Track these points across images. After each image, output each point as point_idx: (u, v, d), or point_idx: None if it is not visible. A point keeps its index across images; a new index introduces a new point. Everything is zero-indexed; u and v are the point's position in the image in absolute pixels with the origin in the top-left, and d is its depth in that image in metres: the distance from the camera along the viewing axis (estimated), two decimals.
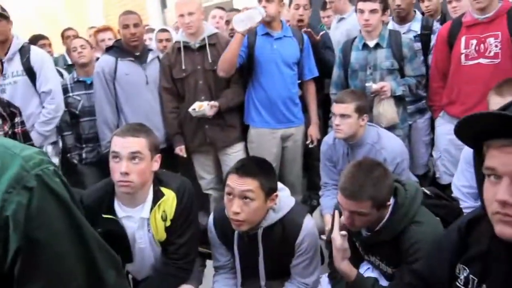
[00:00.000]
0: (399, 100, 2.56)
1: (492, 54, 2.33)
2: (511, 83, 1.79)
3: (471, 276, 1.03)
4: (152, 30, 3.96)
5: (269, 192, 1.59)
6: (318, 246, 1.78)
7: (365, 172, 1.46)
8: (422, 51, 2.81)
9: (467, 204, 1.89)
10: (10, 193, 0.63)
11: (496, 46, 2.31)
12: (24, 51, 2.71)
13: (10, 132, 2.40)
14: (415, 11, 2.92)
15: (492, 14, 2.31)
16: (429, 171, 3.06)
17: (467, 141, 0.92)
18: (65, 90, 2.97)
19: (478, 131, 0.86)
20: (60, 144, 3.02)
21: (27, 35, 4.05)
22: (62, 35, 4.19)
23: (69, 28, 4.31)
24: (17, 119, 2.45)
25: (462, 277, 1.06)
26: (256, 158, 1.78)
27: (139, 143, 1.60)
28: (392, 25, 2.91)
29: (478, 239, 1.03)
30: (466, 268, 1.05)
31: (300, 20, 3.01)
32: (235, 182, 1.57)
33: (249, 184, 1.55)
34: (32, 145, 2.53)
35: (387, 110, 2.48)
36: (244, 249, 1.74)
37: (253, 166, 1.60)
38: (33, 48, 2.82)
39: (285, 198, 1.73)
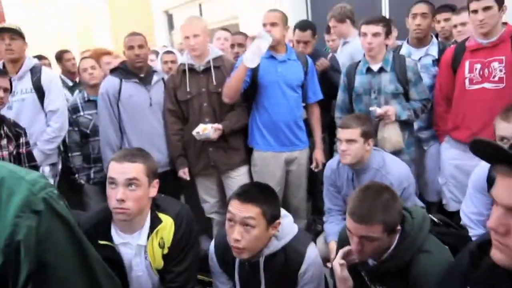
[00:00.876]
0: (405, 124, 2.53)
1: (496, 78, 2.30)
2: None
3: None
4: (156, 52, 3.97)
5: (271, 219, 1.55)
6: (322, 275, 1.72)
7: (374, 196, 1.43)
8: None
9: (477, 232, 1.83)
10: (21, 217, 0.64)
11: (500, 70, 2.29)
12: (35, 71, 2.76)
13: (14, 152, 2.41)
14: (431, 36, 2.87)
15: (496, 39, 2.30)
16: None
17: (484, 159, 0.96)
18: (76, 109, 2.98)
19: (489, 155, 0.90)
20: (60, 166, 3.00)
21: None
22: (60, 57, 4.12)
23: (66, 51, 4.26)
24: (21, 140, 2.46)
25: None
26: (259, 184, 1.74)
27: (136, 169, 1.56)
28: (407, 48, 2.86)
29: (485, 263, 1.05)
30: None
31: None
32: (236, 209, 1.53)
33: (251, 211, 1.51)
34: (36, 165, 2.53)
35: (391, 134, 2.44)
36: (246, 277, 1.68)
37: (255, 193, 1.57)
38: (44, 68, 2.86)
39: (288, 225, 1.68)
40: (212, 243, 1.78)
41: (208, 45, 2.78)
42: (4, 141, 2.34)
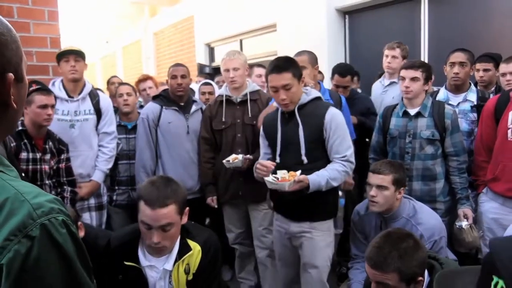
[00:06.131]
0: (443, 173, 2.48)
1: None
2: None
3: None
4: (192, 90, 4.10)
5: None
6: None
7: (393, 243, 1.43)
8: (477, 122, 2.65)
9: None
10: (11, 240, 0.61)
11: None
12: (92, 94, 2.90)
13: (55, 167, 2.53)
14: (470, 83, 2.82)
15: None
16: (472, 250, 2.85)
17: None
18: None
19: None
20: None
21: (89, 78, 4.33)
22: (108, 81, 4.45)
23: (115, 76, 4.60)
24: (63, 156, 2.59)
25: None
26: None
27: (169, 213, 1.56)
28: (445, 93, 2.82)
29: None
30: None
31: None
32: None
33: None
34: (74, 180, 2.62)
35: (475, 236, 2.41)
36: None
37: None
38: (101, 93, 3.02)
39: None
40: None
41: (246, 79, 2.86)
42: (48, 156, 2.46)
